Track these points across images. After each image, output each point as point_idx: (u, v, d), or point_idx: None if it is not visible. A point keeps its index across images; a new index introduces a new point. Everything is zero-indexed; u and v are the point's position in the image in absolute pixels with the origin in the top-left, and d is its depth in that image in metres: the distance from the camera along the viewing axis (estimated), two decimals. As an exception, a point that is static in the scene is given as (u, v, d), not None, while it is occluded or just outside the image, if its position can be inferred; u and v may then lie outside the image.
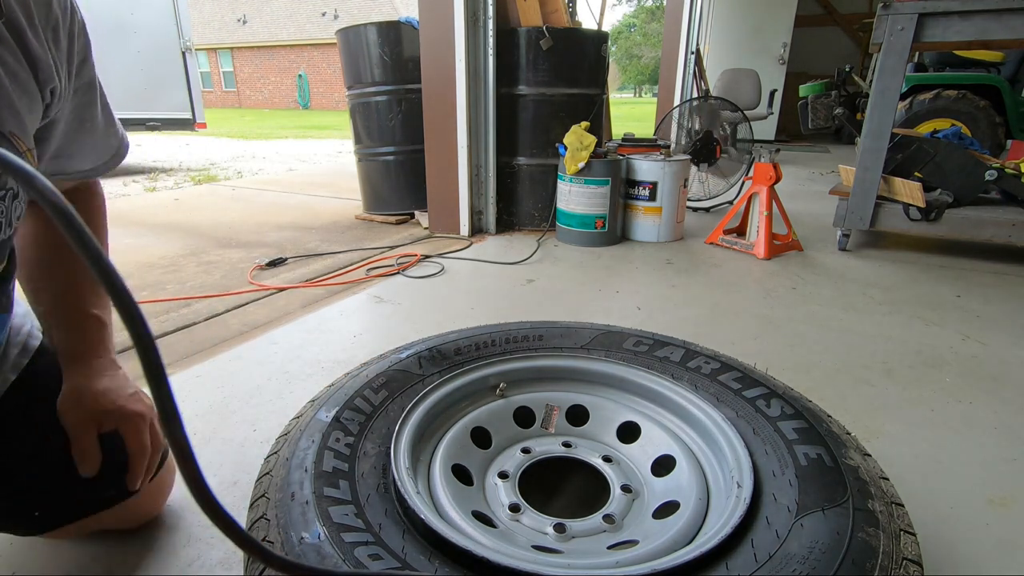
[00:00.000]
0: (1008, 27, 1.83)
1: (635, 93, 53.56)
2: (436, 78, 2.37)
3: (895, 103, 2.04)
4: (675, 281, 1.93)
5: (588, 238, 2.37)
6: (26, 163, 0.23)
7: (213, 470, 0.91)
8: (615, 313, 1.62)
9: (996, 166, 2.09)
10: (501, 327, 0.92)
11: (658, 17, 36.19)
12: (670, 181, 2.36)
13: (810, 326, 1.54)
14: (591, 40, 2.45)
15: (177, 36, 4.90)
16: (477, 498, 0.68)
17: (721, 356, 0.84)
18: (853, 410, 1.12)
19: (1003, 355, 1.38)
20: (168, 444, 0.25)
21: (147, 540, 0.77)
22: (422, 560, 0.48)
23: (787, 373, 1.25)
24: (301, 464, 0.58)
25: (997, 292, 1.83)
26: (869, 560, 0.47)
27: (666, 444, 0.74)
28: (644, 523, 0.64)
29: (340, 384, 0.75)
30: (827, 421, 0.68)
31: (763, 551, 0.49)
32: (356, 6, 20.85)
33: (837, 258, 2.21)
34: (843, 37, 8.26)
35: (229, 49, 24.41)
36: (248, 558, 0.50)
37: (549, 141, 2.43)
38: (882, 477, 0.60)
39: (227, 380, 1.21)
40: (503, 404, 0.80)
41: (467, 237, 2.49)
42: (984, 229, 2.05)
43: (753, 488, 0.58)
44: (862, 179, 2.14)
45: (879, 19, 1.98)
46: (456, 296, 1.77)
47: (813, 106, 2.57)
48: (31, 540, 0.77)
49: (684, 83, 5.73)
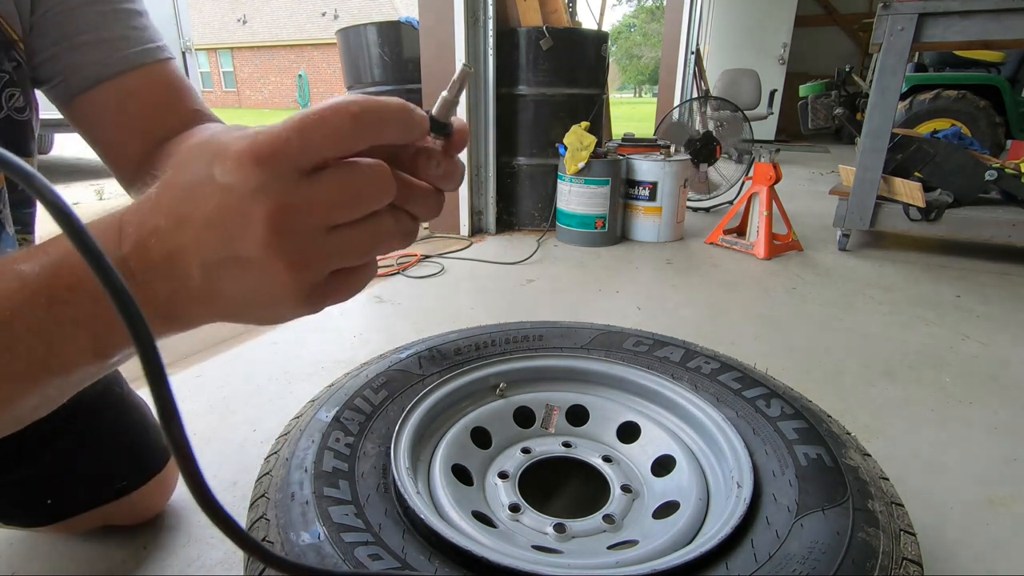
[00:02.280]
0: (1008, 27, 1.83)
1: (635, 93, 53.55)
2: (436, 78, 2.37)
3: (895, 103, 2.04)
4: (675, 281, 1.93)
5: (588, 238, 2.37)
6: (25, 163, 0.23)
7: (213, 470, 0.92)
8: (615, 313, 1.62)
9: (996, 166, 2.09)
10: (501, 327, 0.92)
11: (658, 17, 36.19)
12: (670, 181, 2.36)
13: (810, 326, 1.54)
14: (591, 40, 2.45)
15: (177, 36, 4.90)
16: (477, 498, 0.68)
17: (721, 356, 0.84)
18: (853, 410, 1.12)
19: (1003, 355, 1.38)
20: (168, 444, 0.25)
21: (147, 540, 0.77)
22: (422, 560, 0.48)
23: (787, 373, 1.25)
24: (301, 464, 0.58)
25: (997, 292, 1.83)
26: (869, 560, 0.47)
27: (666, 444, 0.74)
28: (644, 523, 0.64)
29: (340, 384, 0.75)
30: (827, 421, 0.68)
31: (763, 551, 0.49)
32: (356, 6, 20.85)
33: (837, 258, 2.21)
34: (843, 37, 8.26)
35: (229, 49, 24.43)
36: (248, 558, 0.50)
37: (549, 141, 2.43)
38: (882, 477, 0.60)
39: (227, 380, 1.21)
40: (503, 404, 0.80)
41: (467, 237, 2.49)
42: (984, 229, 2.05)
43: (753, 488, 0.58)
44: (862, 179, 2.14)
45: (879, 19, 1.98)
46: (456, 296, 1.77)
47: (813, 106, 2.57)
48: (31, 540, 0.77)
49: (684, 83, 5.73)
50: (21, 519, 0.70)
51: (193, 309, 0.32)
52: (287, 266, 0.29)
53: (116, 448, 0.72)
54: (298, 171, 0.28)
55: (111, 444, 0.71)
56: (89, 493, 0.70)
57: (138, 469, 0.74)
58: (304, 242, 0.29)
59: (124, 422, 0.73)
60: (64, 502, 0.69)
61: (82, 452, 0.68)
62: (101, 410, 0.70)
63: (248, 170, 0.27)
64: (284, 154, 0.27)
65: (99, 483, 0.70)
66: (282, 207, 0.28)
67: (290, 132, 0.28)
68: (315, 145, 0.28)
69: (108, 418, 0.71)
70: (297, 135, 0.28)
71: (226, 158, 0.28)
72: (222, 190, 0.28)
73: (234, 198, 0.28)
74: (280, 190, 0.27)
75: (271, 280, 0.29)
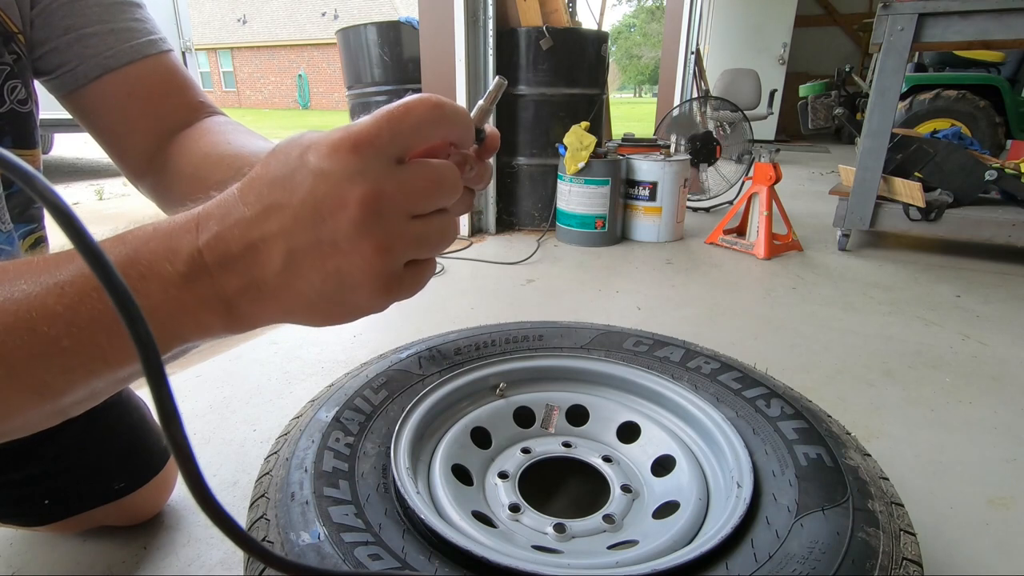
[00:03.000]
0: (1008, 27, 1.83)
1: (635, 93, 53.56)
2: (436, 78, 2.37)
3: (895, 103, 2.04)
4: (675, 281, 1.93)
5: (588, 238, 2.37)
6: (26, 164, 0.23)
7: (213, 470, 0.92)
8: (615, 313, 1.62)
9: (996, 166, 2.09)
10: (501, 327, 0.92)
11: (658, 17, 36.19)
12: (670, 181, 2.36)
13: (810, 326, 1.54)
14: (591, 40, 2.45)
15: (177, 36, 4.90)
16: (477, 498, 0.67)
17: (721, 356, 0.84)
18: (853, 410, 1.12)
19: (1003, 355, 1.38)
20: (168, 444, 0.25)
21: (147, 539, 0.77)
22: (422, 560, 0.48)
23: (787, 373, 1.25)
24: (301, 464, 0.58)
25: (997, 292, 1.83)
26: (869, 560, 0.47)
27: (666, 444, 0.74)
28: (644, 523, 0.64)
29: (340, 384, 0.75)
30: (827, 421, 0.68)
31: (763, 551, 0.49)
32: (356, 6, 20.85)
33: (837, 258, 2.21)
34: (843, 37, 8.26)
35: (229, 49, 24.43)
36: (248, 558, 0.50)
37: (549, 141, 2.44)
38: (882, 477, 0.60)
39: (227, 380, 1.21)
40: (503, 404, 0.80)
41: (467, 237, 2.49)
42: (984, 229, 2.05)
43: (753, 488, 0.58)
44: (862, 179, 2.14)
45: (879, 19, 1.98)
46: (456, 296, 1.77)
47: (813, 106, 2.57)
48: (31, 540, 0.77)
49: (684, 83, 5.73)
50: (21, 519, 0.70)
51: (261, 305, 0.32)
52: (374, 248, 0.30)
53: (116, 448, 0.72)
54: (390, 159, 0.30)
55: (111, 444, 0.71)
56: (88, 493, 0.70)
57: (138, 469, 0.74)
58: (391, 226, 0.31)
59: (124, 422, 0.73)
60: (63, 502, 0.69)
61: (81, 452, 0.68)
62: (101, 410, 0.70)
63: (346, 156, 0.29)
64: (378, 142, 0.30)
65: (98, 483, 0.70)
66: (376, 191, 0.30)
67: (381, 122, 0.30)
68: (404, 134, 0.31)
69: (108, 418, 0.71)
70: (388, 124, 0.30)
71: (321, 146, 0.30)
72: (317, 175, 0.29)
73: (331, 182, 0.29)
74: (374, 176, 0.30)
75: (356, 263, 0.30)
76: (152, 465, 0.75)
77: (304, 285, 0.31)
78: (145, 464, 0.75)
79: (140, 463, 0.74)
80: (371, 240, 0.30)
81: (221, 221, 0.31)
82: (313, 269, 0.31)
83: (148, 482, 0.74)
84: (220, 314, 0.32)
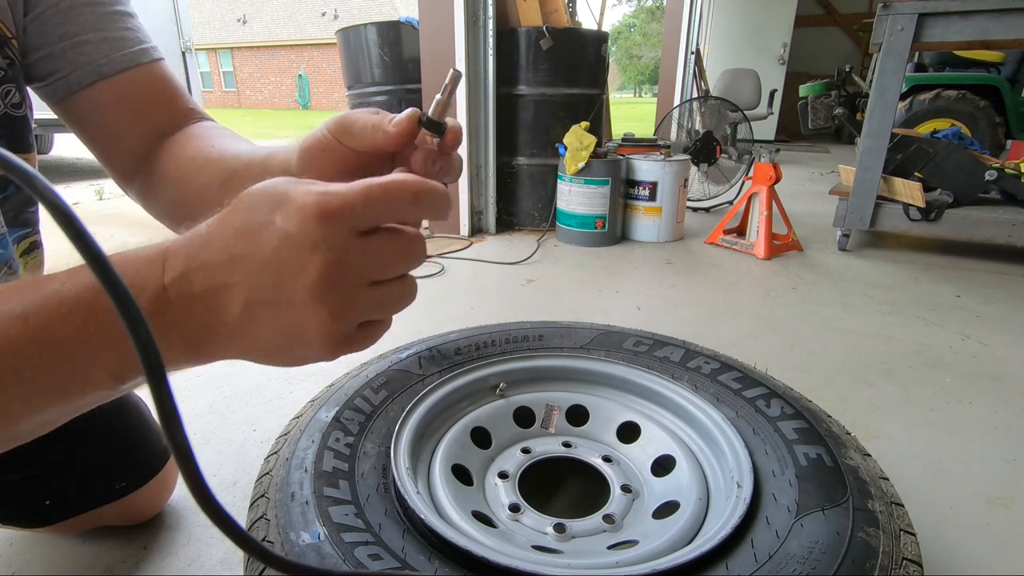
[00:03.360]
0: (1008, 27, 1.83)
1: (635, 93, 53.55)
2: (436, 78, 2.37)
3: (895, 103, 2.04)
4: (675, 281, 1.93)
5: (588, 238, 2.37)
6: (26, 164, 0.23)
7: (213, 470, 0.92)
8: (615, 313, 1.62)
9: (996, 166, 2.09)
10: (501, 327, 0.92)
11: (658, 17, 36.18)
12: (670, 181, 2.36)
13: (810, 326, 1.54)
14: (591, 40, 2.45)
15: (177, 36, 4.90)
16: (477, 498, 0.67)
17: (721, 356, 0.84)
18: (853, 410, 1.12)
19: (1003, 355, 1.38)
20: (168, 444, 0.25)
21: (147, 539, 0.77)
22: (422, 560, 0.48)
23: (787, 373, 1.25)
24: (301, 464, 0.58)
25: (997, 292, 1.83)
26: (869, 560, 0.47)
27: (666, 444, 0.74)
28: (644, 523, 0.64)
29: (340, 384, 0.75)
30: (827, 421, 0.68)
31: (763, 551, 0.49)
32: (356, 6, 20.85)
33: (837, 258, 2.21)
34: (843, 37, 8.26)
35: (229, 49, 24.43)
36: (248, 558, 0.50)
37: (549, 141, 2.43)
38: (882, 477, 0.60)
39: (227, 380, 1.21)
40: (503, 404, 0.80)
41: (467, 237, 2.49)
42: (984, 229, 2.05)
43: (753, 488, 0.58)
44: (862, 179, 2.14)
45: (879, 19, 1.98)
46: (456, 296, 1.77)
47: (813, 106, 2.57)
48: (31, 539, 0.77)
49: (684, 83, 5.73)
50: (21, 519, 0.70)
51: (220, 344, 0.33)
52: (329, 313, 0.31)
53: (116, 448, 0.72)
54: (355, 231, 0.31)
55: (111, 444, 0.71)
56: (88, 493, 0.70)
57: (138, 469, 0.74)
58: (348, 294, 0.32)
59: (124, 422, 0.73)
60: (63, 502, 0.69)
61: (81, 452, 0.68)
62: (101, 410, 0.70)
63: (312, 224, 0.30)
64: (347, 215, 0.30)
65: (98, 483, 0.70)
66: (336, 260, 0.30)
67: (356, 197, 0.30)
68: (375, 212, 0.31)
69: (107, 418, 0.71)
70: (362, 201, 0.31)
71: (291, 208, 0.30)
72: (282, 237, 0.30)
73: (293, 246, 0.30)
74: (337, 246, 0.30)
75: (309, 325, 0.31)
76: (152, 465, 0.75)
77: (259, 332, 0.32)
78: (145, 464, 0.75)
79: (140, 463, 0.74)
80: (326, 306, 0.31)
81: (187, 262, 0.31)
82: (268, 322, 0.32)
83: (148, 482, 0.74)
84: (181, 348, 0.33)
